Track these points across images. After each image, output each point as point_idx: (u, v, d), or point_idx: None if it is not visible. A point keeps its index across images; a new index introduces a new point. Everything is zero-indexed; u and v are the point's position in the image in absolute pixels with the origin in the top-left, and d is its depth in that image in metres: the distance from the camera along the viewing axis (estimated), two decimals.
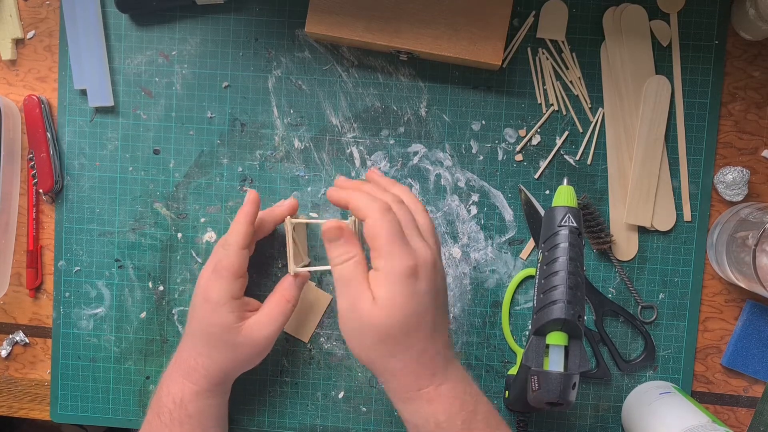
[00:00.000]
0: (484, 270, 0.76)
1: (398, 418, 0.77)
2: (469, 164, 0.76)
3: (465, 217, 0.76)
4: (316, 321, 0.77)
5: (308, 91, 0.76)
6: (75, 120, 0.78)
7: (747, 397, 0.76)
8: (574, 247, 0.60)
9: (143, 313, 0.78)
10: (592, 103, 0.75)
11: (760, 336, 0.74)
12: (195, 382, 0.68)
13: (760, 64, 0.74)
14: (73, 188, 0.78)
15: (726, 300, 0.75)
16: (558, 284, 0.60)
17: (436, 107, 0.76)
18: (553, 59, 0.74)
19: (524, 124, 0.75)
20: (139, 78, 0.77)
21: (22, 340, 0.80)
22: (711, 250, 0.74)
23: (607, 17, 0.73)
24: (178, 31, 0.77)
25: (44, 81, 0.78)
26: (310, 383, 0.78)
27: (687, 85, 0.74)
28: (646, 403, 0.71)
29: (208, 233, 0.78)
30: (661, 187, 0.74)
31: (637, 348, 0.76)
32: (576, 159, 0.75)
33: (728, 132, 0.74)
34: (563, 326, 0.60)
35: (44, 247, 0.79)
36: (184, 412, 0.67)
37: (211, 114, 0.77)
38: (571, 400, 0.60)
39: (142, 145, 0.78)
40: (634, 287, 0.75)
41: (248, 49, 0.76)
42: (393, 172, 0.76)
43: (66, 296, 0.79)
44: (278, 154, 0.77)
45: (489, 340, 0.77)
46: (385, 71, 0.76)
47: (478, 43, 0.71)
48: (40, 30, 0.78)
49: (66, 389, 0.79)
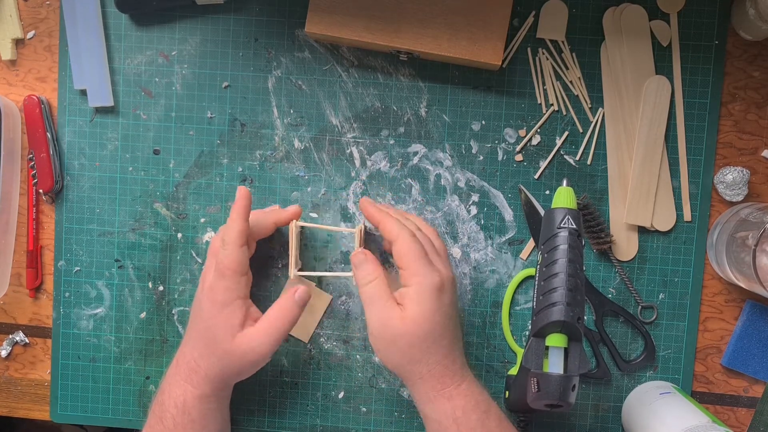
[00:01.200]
0: (484, 270, 0.76)
1: (398, 418, 0.77)
2: (469, 164, 0.76)
3: (465, 217, 0.76)
4: (316, 321, 0.77)
5: (308, 91, 0.76)
6: (75, 120, 0.78)
7: (747, 397, 0.76)
8: (574, 248, 0.60)
9: (143, 313, 0.78)
10: (592, 103, 0.75)
11: (760, 336, 0.74)
12: (197, 386, 0.67)
13: (760, 64, 0.74)
14: (73, 188, 0.78)
15: (726, 300, 0.75)
16: (557, 286, 0.60)
17: (436, 107, 0.76)
18: (553, 59, 0.74)
19: (524, 124, 0.75)
20: (139, 78, 0.77)
21: (22, 340, 0.80)
22: (711, 250, 0.74)
23: (607, 17, 0.73)
24: (178, 31, 0.77)
25: (44, 81, 0.78)
26: (310, 383, 0.78)
27: (687, 85, 0.74)
28: (647, 403, 0.71)
29: (208, 233, 0.78)
30: (661, 187, 0.74)
31: (637, 348, 0.76)
32: (576, 159, 0.75)
33: (728, 132, 0.74)
34: (563, 328, 0.60)
35: (44, 247, 0.79)
36: (188, 417, 0.67)
37: (211, 114, 0.77)
38: (571, 402, 0.60)
39: (142, 145, 0.78)
40: (634, 287, 0.75)
41: (248, 49, 0.76)
42: (393, 172, 0.76)
43: (66, 296, 0.79)
44: (278, 154, 0.77)
45: (489, 340, 0.77)
46: (385, 71, 0.76)
47: (478, 43, 0.71)
48: (40, 30, 0.78)
49: (66, 389, 0.79)
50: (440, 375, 0.65)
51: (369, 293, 0.66)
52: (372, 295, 0.66)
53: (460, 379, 0.66)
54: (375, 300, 0.66)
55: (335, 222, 0.77)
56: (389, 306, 0.65)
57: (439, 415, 0.65)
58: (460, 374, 0.66)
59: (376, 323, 0.66)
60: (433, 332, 0.64)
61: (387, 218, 0.68)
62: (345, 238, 0.77)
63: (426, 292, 0.64)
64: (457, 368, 0.66)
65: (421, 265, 0.65)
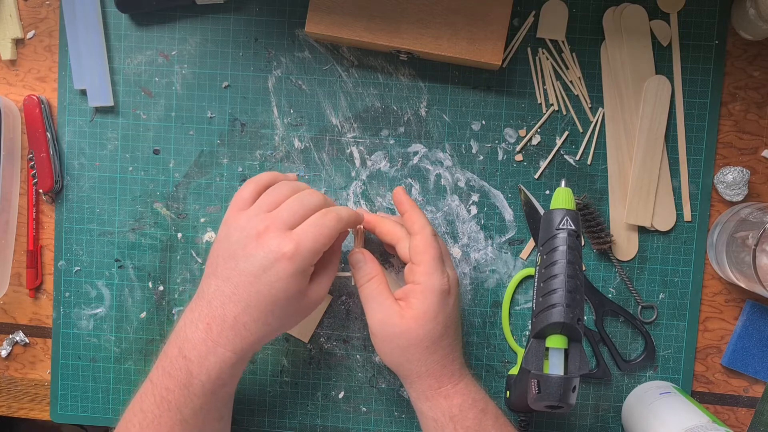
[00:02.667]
0: (484, 270, 0.76)
1: (398, 418, 0.77)
2: (469, 164, 0.76)
3: (465, 217, 0.76)
4: (316, 321, 0.77)
5: (308, 91, 0.76)
6: (75, 120, 0.78)
7: (747, 397, 0.76)
8: (573, 250, 0.60)
9: (143, 313, 0.78)
10: (592, 103, 0.75)
11: (760, 336, 0.74)
12: (238, 351, 0.62)
13: (760, 64, 0.74)
14: (73, 188, 0.78)
15: (726, 300, 0.75)
16: (557, 288, 0.60)
17: (436, 107, 0.76)
18: (553, 59, 0.74)
19: (524, 124, 0.75)
20: (139, 78, 0.77)
21: (22, 340, 0.80)
22: (711, 250, 0.74)
23: (607, 17, 0.73)
24: (178, 31, 0.77)
25: (44, 81, 0.78)
26: (310, 383, 0.78)
27: (687, 85, 0.74)
28: (647, 403, 0.71)
29: (208, 233, 0.78)
30: (661, 187, 0.74)
31: (637, 348, 0.76)
32: (576, 159, 0.75)
33: (728, 132, 0.74)
34: (563, 329, 0.60)
35: (44, 247, 0.79)
36: (220, 383, 0.62)
37: (211, 114, 0.77)
38: (572, 403, 0.60)
39: (142, 145, 0.78)
40: (634, 287, 0.75)
41: (248, 49, 0.76)
42: (393, 172, 0.76)
43: (66, 296, 0.79)
44: (278, 154, 0.77)
45: (489, 340, 0.77)
46: (385, 71, 0.76)
47: (478, 43, 0.71)
48: (40, 30, 0.78)
49: (66, 389, 0.79)
50: (438, 374, 0.65)
51: (368, 291, 0.67)
52: (371, 293, 0.67)
53: (458, 378, 0.66)
54: (374, 298, 0.66)
55: None
56: (388, 304, 0.66)
57: (435, 413, 0.65)
58: (459, 374, 0.67)
59: (375, 321, 0.66)
60: (433, 332, 0.65)
61: (415, 209, 0.68)
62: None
63: (434, 293, 0.65)
64: (455, 368, 0.67)
65: (436, 265, 0.65)
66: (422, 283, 0.65)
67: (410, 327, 0.64)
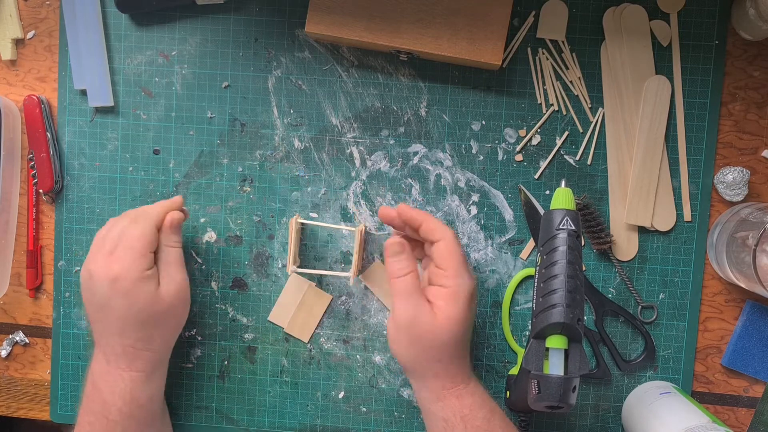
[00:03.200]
0: (484, 270, 0.76)
1: (398, 418, 0.77)
2: (469, 164, 0.76)
3: (465, 217, 0.76)
4: (316, 321, 0.77)
5: (308, 91, 0.76)
6: (75, 120, 0.78)
7: (747, 397, 0.76)
8: (573, 250, 0.60)
9: None
10: (592, 103, 0.75)
11: (760, 336, 0.74)
12: (141, 369, 0.68)
13: (760, 64, 0.74)
14: (73, 188, 0.78)
15: (726, 300, 0.75)
16: (557, 288, 0.60)
17: (436, 107, 0.76)
18: (553, 59, 0.74)
19: (524, 124, 0.75)
20: (139, 78, 0.77)
21: (22, 340, 0.80)
22: (711, 250, 0.74)
23: (607, 17, 0.73)
24: (178, 31, 0.77)
25: (44, 81, 0.78)
26: (310, 383, 0.78)
27: (687, 85, 0.74)
28: (647, 403, 0.71)
29: (208, 233, 0.78)
30: (661, 187, 0.74)
31: (637, 348, 0.76)
32: (576, 159, 0.75)
33: (728, 132, 0.74)
34: (563, 330, 0.60)
35: (44, 247, 0.79)
36: (136, 404, 0.68)
37: (211, 114, 0.77)
38: (572, 403, 0.60)
39: (142, 145, 0.78)
40: (634, 287, 0.75)
41: (248, 49, 0.76)
42: (393, 172, 0.76)
43: (66, 296, 0.79)
44: (278, 154, 0.77)
45: (489, 340, 0.77)
46: (385, 71, 0.76)
47: (478, 43, 0.71)
48: (40, 30, 0.78)
49: (66, 389, 0.79)
50: (453, 374, 0.67)
51: (403, 285, 0.67)
52: (406, 288, 0.67)
53: (468, 378, 0.68)
54: (410, 294, 0.67)
55: (335, 222, 0.77)
56: (422, 303, 0.66)
57: (446, 413, 0.66)
58: (469, 375, 0.68)
59: (406, 316, 0.66)
60: (458, 334, 0.66)
61: (431, 218, 0.69)
62: (345, 238, 0.77)
63: (462, 296, 0.66)
64: (466, 369, 0.68)
65: (463, 269, 0.67)
66: (450, 287, 0.66)
67: (442, 328, 0.65)
